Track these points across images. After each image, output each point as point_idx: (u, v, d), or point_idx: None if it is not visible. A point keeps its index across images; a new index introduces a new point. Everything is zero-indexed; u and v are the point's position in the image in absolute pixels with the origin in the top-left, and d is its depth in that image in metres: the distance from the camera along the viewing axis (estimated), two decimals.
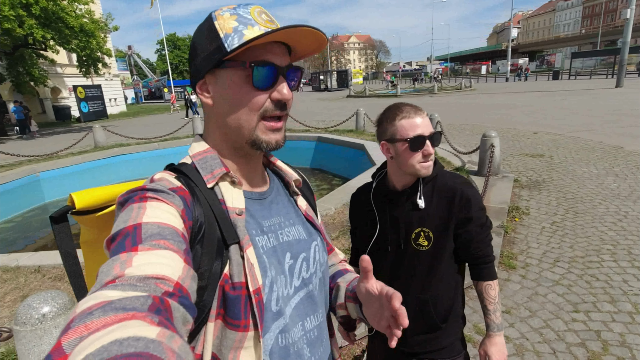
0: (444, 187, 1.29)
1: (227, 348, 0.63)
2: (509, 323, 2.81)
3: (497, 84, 35.63)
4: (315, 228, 0.83)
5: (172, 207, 0.57)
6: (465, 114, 14.77)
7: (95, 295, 0.39)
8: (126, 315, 0.35)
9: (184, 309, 0.44)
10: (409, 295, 1.33)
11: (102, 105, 25.64)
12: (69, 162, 9.50)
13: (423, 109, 1.27)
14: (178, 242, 0.53)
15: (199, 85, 0.70)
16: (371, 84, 56.57)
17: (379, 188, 1.40)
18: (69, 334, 0.32)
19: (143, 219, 0.53)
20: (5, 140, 16.04)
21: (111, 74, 31.10)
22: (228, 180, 0.70)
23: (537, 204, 5.09)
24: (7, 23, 13.06)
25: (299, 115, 13.88)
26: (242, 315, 0.62)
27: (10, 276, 3.75)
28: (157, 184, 0.61)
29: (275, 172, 0.86)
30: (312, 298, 0.77)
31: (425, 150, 1.22)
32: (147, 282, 0.43)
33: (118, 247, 0.49)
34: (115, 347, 0.29)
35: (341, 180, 8.18)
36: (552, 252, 3.82)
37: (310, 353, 0.74)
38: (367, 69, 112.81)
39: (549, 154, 7.60)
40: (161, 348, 0.31)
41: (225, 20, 0.66)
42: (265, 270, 0.67)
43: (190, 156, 0.72)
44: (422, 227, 1.28)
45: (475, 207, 1.27)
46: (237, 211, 0.67)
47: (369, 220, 1.40)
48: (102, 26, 16.90)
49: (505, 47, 62.46)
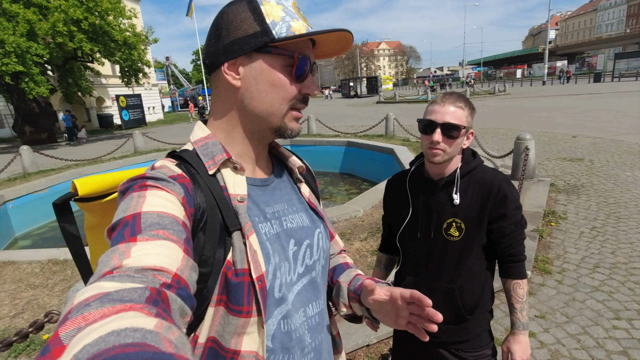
0: (481, 180, 1.28)
1: (230, 333, 0.63)
2: (544, 328, 2.72)
3: (533, 88, 34.31)
4: (318, 215, 0.83)
5: (172, 195, 0.57)
6: (499, 117, 14.34)
7: (93, 286, 0.38)
8: (123, 306, 0.35)
9: (181, 300, 0.44)
10: (436, 282, 1.34)
11: (141, 113, 26.96)
12: (111, 166, 10.08)
13: (465, 102, 1.25)
14: (178, 231, 0.52)
15: (228, 64, 0.67)
16: (401, 90, 56.04)
17: (415, 175, 1.40)
18: (67, 324, 0.32)
19: (143, 208, 0.53)
20: (55, 146, 17.22)
21: (150, 83, 32.69)
22: (230, 167, 0.69)
23: (576, 209, 4.87)
24: (60, 38, 14.13)
25: (329, 120, 14.00)
26: (244, 301, 0.62)
27: (59, 268, 4.04)
28: (157, 171, 0.60)
29: (278, 158, 0.86)
30: (315, 285, 0.77)
31: (432, 136, 1.23)
32: (145, 274, 0.43)
33: (117, 237, 0.49)
34: (113, 338, 0.29)
35: (370, 184, 8.16)
36: (591, 258, 3.65)
37: (311, 339, 0.74)
38: (397, 75, 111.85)
39: (589, 158, 7.26)
40: (158, 339, 0.30)
41: (272, 7, 0.66)
42: (269, 257, 0.66)
43: (191, 142, 0.71)
44: (455, 218, 1.28)
45: (512, 205, 1.25)
46: (239, 198, 0.67)
47: (403, 206, 1.40)
48: (143, 39, 17.86)
49: (542, 49, 60.13)
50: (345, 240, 4.14)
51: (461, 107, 1.24)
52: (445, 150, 1.23)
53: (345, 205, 5.39)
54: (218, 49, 0.68)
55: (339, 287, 0.85)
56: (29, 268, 4.08)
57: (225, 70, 0.67)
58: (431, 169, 1.33)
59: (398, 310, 0.69)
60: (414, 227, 1.36)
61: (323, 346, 0.78)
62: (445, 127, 1.21)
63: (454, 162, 1.30)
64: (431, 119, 1.24)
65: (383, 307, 0.72)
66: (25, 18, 13.52)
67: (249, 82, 0.68)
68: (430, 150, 1.25)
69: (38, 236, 7.31)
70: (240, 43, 0.66)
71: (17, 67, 13.19)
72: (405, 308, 0.67)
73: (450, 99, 1.24)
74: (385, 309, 0.71)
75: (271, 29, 0.65)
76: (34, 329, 2.13)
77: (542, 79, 39.83)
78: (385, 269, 1.61)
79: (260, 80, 0.67)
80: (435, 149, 1.23)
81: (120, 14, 16.09)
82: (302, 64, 0.68)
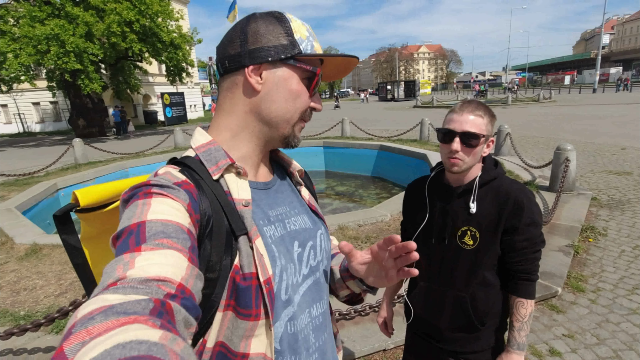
0: (499, 190, 1.26)
1: (239, 337, 0.64)
2: (571, 348, 2.61)
3: (581, 96, 32.29)
4: (318, 217, 0.84)
5: (177, 202, 0.57)
6: (542, 126, 13.67)
7: (97, 299, 0.39)
8: (127, 319, 0.35)
9: (185, 311, 0.43)
10: (448, 289, 1.34)
11: (183, 110, 28.07)
12: (152, 160, 10.64)
13: (484, 110, 1.25)
14: (183, 239, 0.52)
15: (252, 68, 0.69)
16: (440, 94, 54.71)
17: (435, 181, 1.40)
18: (71, 339, 0.32)
19: (147, 216, 0.53)
20: (104, 139, 18.38)
21: (193, 82, 34.04)
22: (233, 172, 0.70)
23: (618, 226, 4.59)
24: (114, 38, 15.13)
25: (363, 123, 13.96)
26: (253, 304, 0.63)
27: None
28: (161, 178, 0.60)
29: (278, 162, 0.88)
30: (319, 285, 0.79)
31: (451, 145, 1.22)
32: (149, 285, 0.43)
33: (122, 246, 0.50)
34: (118, 351, 0.29)
35: (401, 189, 8.08)
36: (630, 279, 3.43)
37: (315, 339, 0.75)
38: (437, 79, 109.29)
39: (638, 172, 6.78)
40: (164, 351, 0.30)
41: (299, 25, 0.72)
42: (275, 260, 0.67)
43: (193, 149, 0.72)
44: (470, 227, 1.27)
45: (526, 219, 1.22)
46: (244, 202, 0.67)
47: (419, 211, 1.40)
48: (188, 39, 18.69)
49: (594, 55, 56.53)
50: (370, 245, 4.16)
51: (480, 115, 1.23)
52: (464, 159, 1.23)
53: (372, 209, 5.38)
54: (243, 53, 0.69)
55: (332, 271, 0.89)
56: None
57: (249, 73, 0.69)
58: (451, 177, 1.33)
59: (384, 263, 0.71)
60: (429, 232, 1.37)
61: (327, 345, 0.79)
62: (464, 136, 1.21)
63: (474, 170, 1.29)
64: (449, 128, 1.23)
65: (372, 270, 0.74)
66: (84, 20, 14.59)
67: (270, 88, 0.70)
68: (449, 160, 1.25)
69: None
70: (269, 50, 0.69)
71: (75, 65, 14.26)
72: (389, 256, 0.69)
73: (469, 108, 1.24)
74: (374, 271, 0.74)
75: (299, 44, 0.70)
76: (74, 307, 2.34)
77: (592, 86, 37.32)
78: None
79: (281, 87, 0.71)
80: (454, 158, 1.23)
81: (168, 16, 16.96)
82: (318, 79, 0.73)
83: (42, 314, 3.06)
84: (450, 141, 1.23)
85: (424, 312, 1.41)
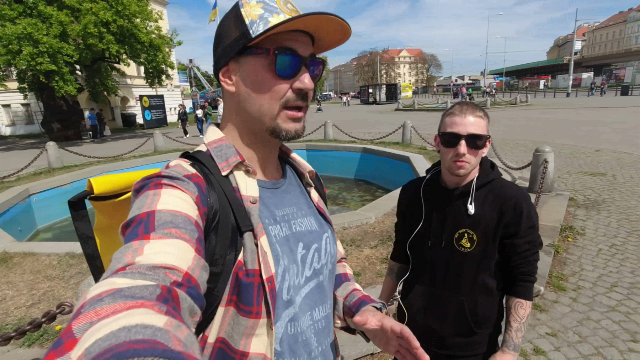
0: (499, 193, 1.26)
1: (239, 334, 0.64)
2: (555, 347, 2.64)
3: (556, 99, 33.47)
4: (326, 220, 0.83)
5: (186, 194, 0.58)
6: (520, 129, 14.04)
7: (106, 282, 0.39)
8: (135, 303, 0.35)
9: (191, 299, 0.44)
10: (445, 292, 1.32)
11: (163, 113, 27.57)
12: (131, 164, 10.36)
13: (482, 111, 1.24)
14: (190, 230, 0.53)
15: (222, 72, 0.70)
16: (420, 98, 55.56)
17: (431, 183, 1.39)
18: (80, 318, 0.33)
19: (157, 206, 0.53)
20: (80, 143, 17.80)
21: (172, 85, 33.47)
22: (242, 169, 0.70)
23: (595, 225, 4.72)
24: (91, 39, 14.67)
25: (345, 126, 14.00)
26: (254, 301, 0.63)
27: (76, 261, 4.16)
28: (172, 170, 0.61)
29: (289, 163, 0.87)
30: (322, 289, 0.78)
31: (456, 149, 1.20)
32: (157, 272, 0.44)
33: (131, 234, 0.50)
34: (124, 334, 0.29)
35: (384, 191, 8.11)
36: (608, 277, 3.53)
37: (318, 342, 0.74)
38: (417, 83, 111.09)
39: (611, 173, 7.03)
40: (168, 336, 0.31)
41: (251, 7, 0.66)
42: (278, 259, 0.67)
43: (205, 144, 0.72)
44: (467, 229, 1.26)
45: (526, 223, 1.22)
46: (251, 199, 0.67)
47: (415, 213, 1.39)
48: (167, 41, 18.34)
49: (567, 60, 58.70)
50: (355, 247, 4.13)
51: (481, 116, 1.22)
52: (470, 161, 1.22)
53: (357, 211, 5.37)
54: (215, 58, 0.71)
55: (336, 300, 0.87)
56: (48, 260, 4.22)
57: (221, 77, 0.70)
58: (449, 179, 1.31)
59: (388, 339, 0.70)
60: (426, 235, 1.35)
61: (329, 350, 0.78)
62: (470, 138, 1.20)
63: (471, 172, 1.28)
64: (454, 131, 1.21)
65: (374, 333, 0.73)
66: (59, 20, 14.12)
67: (240, 86, 0.69)
68: (455, 163, 1.22)
69: (59, 229, 7.56)
70: (227, 49, 0.68)
71: (49, 66, 13.76)
72: (396, 340, 0.68)
73: (469, 109, 1.23)
74: (377, 335, 0.73)
75: (249, 29, 0.65)
76: (46, 319, 2.20)
77: (566, 90, 38.72)
78: (397, 277, 1.57)
79: (247, 83, 0.68)
80: (460, 161, 1.21)
81: (147, 17, 16.60)
82: (283, 59, 0.65)
83: (12, 326, 2.90)
84: (456, 144, 1.21)
85: (422, 317, 1.38)
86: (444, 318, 1.32)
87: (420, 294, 1.38)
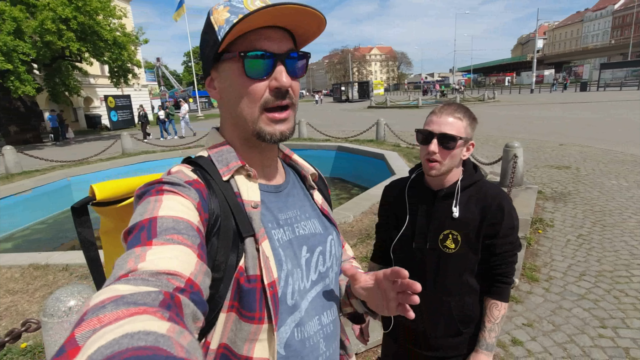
0: (483, 195, 1.26)
1: (242, 340, 0.63)
2: (531, 337, 2.72)
3: (521, 96, 34.87)
4: (330, 222, 0.83)
5: (188, 200, 0.58)
6: (488, 125, 14.51)
7: (108, 289, 0.39)
8: (137, 310, 0.35)
9: (194, 305, 0.44)
10: (430, 294, 1.31)
11: (130, 114, 26.58)
12: (97, 167, 9.91)
13: (464, 113, 1.23)
14: (192, 236, 0.53)
15: (207, 82, 0.71)
16: (392, 95, 56.44)
17: (415, 183, 1.38)
18: (82, 326, 0.33)
19: (159, 212, 0.53)
20: (41, 146, 16.86)
21: (140, 84, 32.32)
22: (244, 174, 0.70)
23: (562, 216, 4.93)
24: (49, 36, 13.86)
25: (319, 125, 13.99)
26: (256, 307, 0.63)
27: (40, 273, 3.92)
28: (173, 176, 0.61)
29: (292, 166, 0.86)
30: (329, 292, 0.77)
31: (428, 146, 1.21)
32: (159, 278, 0.44)
33: (133, 241, 0.50)
34: (126, 340, 0.29)
35: (360, 189, 8.16)
36: (577, 266, 3.68)
37: (326, 347, 0.74)
38: (389, 80, 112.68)
39: (575, 166, 7.38)
40: (170, 343, 0.31)
41: (219, 13, 0.66)
42: (281, 264, 0.67)
43: (207, 149, 0.73)
44: (452, 230, 1.26)
45: (508, 223, 1.23)
46: (253, 204, 0.67)
47: (399, 214, 1.38)
48: (133, 39, 17.66)
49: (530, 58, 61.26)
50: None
51: (459, 117, 1.21)
52: (442, 162, 1.21)
53: (335, 210, 5.36)
54: (202, 69, 0.73)
55: (340, 286, 0.87)
56: (9, 273, 3.96)
57: (207, 87, 0.72)
58: (431, 180, 1.32)
59: (386, 293, 0.68)
60: (410, 236, 1.34)
61: (336, 354, 0.78)
62: (441, 137, 1.20)
63: (454, 174, 1.28)
64: (429, 129, 1.22)
65: (373, 296, 0.72)
66: (12, 15, 13.27)
67: (222, 94, 0.70)
68: (428, 163, 1.23)
69: (21, 239, 7.11)
70: (205, 59, 0.70)
71: (4, 65, 12.95)
72: (392, 289, 0.67)
73: (448, 110, 1.23)
74: (376, 297, 0.71)
75: (218, 35, 0.65)
76: (10, 338, 2.04)
77: (530, 86, 40.49)
78: None
79: (227, 90, 0.69)
80: (432, 161, 1.22)
81: (110, 14, 15.88)
82: (251, 59, 0.63)
83: None
84: (429, 142, 1.21)
85: (408, 320, 1.36)
86: (431, 320, 1.32)
87: None
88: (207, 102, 56.48)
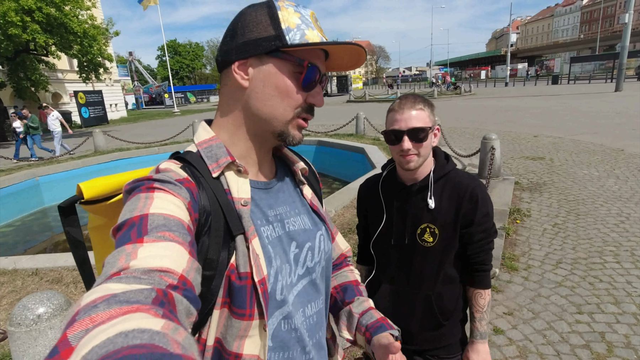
0: (456, 185, 1.26)
1: (233, 336, 0.64)
2: (512, 325, 2.77)
3: (496, 89, 35.71)
4: (320, 217, 0.83)
5: (178, 199, 0.57)
6: (466, 117, 14.78)
7: (100, 288, 0.39)
8: (130, 308, 0.35)
9: (187, 301, 0.44)
10: (412, 289, 1.33)
11: (102, 110, 25.70)
12: (68, 166, 9.50)
13: (423, 102, 1.22)
14: (183, 234, 0.53)
15: (239, 64, 0.69)
16: (371, 89, 56.72)
17: (388, 179, 1.37)
18: (75, 326, 0.32)
19: (150, 209, 0.53)
20: (5, 145, 16.05)
21: (112, 79, 31.25)
22: (234, 170, 0.70)
23: (539, 206, 5.06)
24: (13, 29, 13.14)
25: None
26: (247, 304, 0.63)
27: (7, 279, 3.72)
28: (163, 174, 0.61)
29: (282, 160, 0.86)
30: (314, 286, 0.78)
31: (401, 145, 1.19)
32: (151, 275, 0.43)
33: (124, 238, 0.50)
34: (121, 339, 0.29)
35: (341, 184, 8.16)
36: (554, 254, 3.78)
37: (309, 337, 0.75)
38: (367, 74, 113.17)
39: (549, 157, 7.59)
40: (166, 340, 0.31)
41: (289, 14, 0.67)
42: (270, 261, 0.67)
43: (195, 144, 0.72)
44: (429, 224, 1.26)
45: (482, 210, 1.24)
46: (243, 202, 0.67)
47: (376, 212, 1.36)
48: (103, 31, 16.98)
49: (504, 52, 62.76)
50: None
51: (421, 108, 1.20)
52: (419, 153, 1.20)
53: None
54: (231, 48, 0.69)
55: (350, 315, 0.88)
56: None
57: (235, 69, 0.68)
58: (404, 175, 1.30)
59: None
60: (388, 233, 1.33)
61: (321, 344, 0.80)
62: (411, 132, 1.18)
63: (426, 166, 1.27)
64: (395, 128, 1.20)
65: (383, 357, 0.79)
66: None
67: (257, 84, 0.69)
68: (403, 158, 1.21)
69: None
70: (254, 44, 0.67)
71: None
72: None
73: (408, 104, 1.20)
74: None
75: (285, 34, 0.66)
76: None
77: (504, 80, 41.51)
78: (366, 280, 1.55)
79: (267, 83, 0.68)
80: (407, 156, 1.20)
81: (78, 5, 15.20)
82: (310, 72, 0.68)
83: None
84: (399, 141, 1.19)
85: (390, 316, 1.35)
86: (412, 315, 1.33)
87: (386, 293, 1.37)
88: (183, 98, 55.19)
